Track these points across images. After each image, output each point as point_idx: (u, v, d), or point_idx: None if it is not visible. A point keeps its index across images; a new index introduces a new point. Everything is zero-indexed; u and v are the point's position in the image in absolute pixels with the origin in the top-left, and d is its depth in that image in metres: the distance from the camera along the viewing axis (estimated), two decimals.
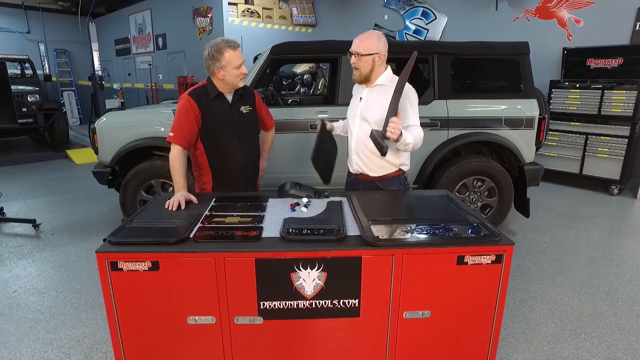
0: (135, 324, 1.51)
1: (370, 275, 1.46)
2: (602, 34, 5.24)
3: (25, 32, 10.82)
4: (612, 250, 3.46)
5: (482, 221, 1.63)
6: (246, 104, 2.25)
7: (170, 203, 1.84)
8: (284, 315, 1.49)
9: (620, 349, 2.23)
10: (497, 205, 3.66)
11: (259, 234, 1.52)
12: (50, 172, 6.33)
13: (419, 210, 1.87)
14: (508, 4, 6.10)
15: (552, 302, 2.69)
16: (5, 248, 3.52)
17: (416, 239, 1.48)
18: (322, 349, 1.57)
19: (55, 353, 2.20)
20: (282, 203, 1.90)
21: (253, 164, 2.34)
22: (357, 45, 1.97)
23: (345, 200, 1.94)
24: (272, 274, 1.45)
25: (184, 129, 2.10)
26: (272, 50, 3.41)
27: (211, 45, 2.07)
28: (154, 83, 9.60)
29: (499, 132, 3.52)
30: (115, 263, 1.43)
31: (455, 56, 3.48)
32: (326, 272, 1.45)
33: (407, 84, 2.06)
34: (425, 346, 1.60)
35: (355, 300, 1.49)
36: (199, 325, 1.50)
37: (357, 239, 1.49)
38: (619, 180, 4.86)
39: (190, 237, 1.52)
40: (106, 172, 3.56)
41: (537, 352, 2.21)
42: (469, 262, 1.48)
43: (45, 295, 2.77)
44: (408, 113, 1.98)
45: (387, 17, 7.66)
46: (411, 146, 1.89)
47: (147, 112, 3.82)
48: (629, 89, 4.65)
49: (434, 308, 1.54)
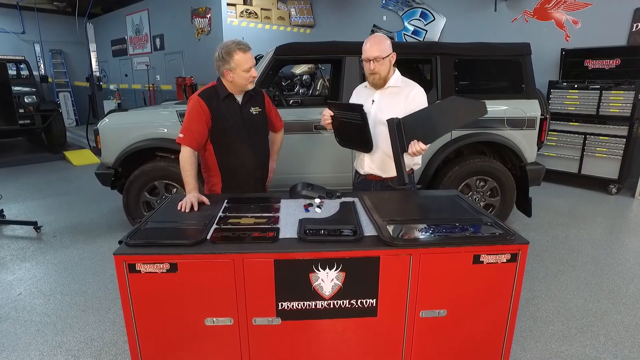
0: (153, 326, 1.51)
1: (388, 275, 1.47)
2: (599, 35, 5.30)
3: (20, 32, 10.73)
4: (613, 249, 3.50)
5: (495, 220, 1.65)
6: (256, 105, 2.26)
7: (183, 204, 1.84)
8: (302, 316, 1.50)
9: (626, 346, 2.26)
10: (499, 205, 3.69)
11: (276, 235, 1.53)
12: (49, 174, 6.28)
13: (432, 210, 1.88)
14: (506, 5, 6.15)
15: (558, 300, 2.72)
16: (7, 250, 3.49)
17: (433, 239, 1.50)
18: (339, 349, 1.57)
19: (65, 356, 2.19)
20: (294, 204, 1.90)
21: (262, 165, 2.34)
22: (374, 51, 1.97)
23: (358, 200, 1.95)
24: (290, 274, 1.45)
25: (194, 130, 2.10)
26: (276, 51, 3.42)
27: (222, 46, 2.07)
28: (151, 84, 9.56)
29: (502, 132, 3.55)
30: (133, 265, 1.43)
31: (458, 57, 3.51)
32: (344, 272, 1.46)
33: (417, 85, 2.09)
34: (440, 345, 1.61)
35: (373, 300, 1.50)
36: (216, 326, 1.51)
37: (374, 239, 1.50)
38: (617, 179, 4.92)
39: (207, 238, 1.52)
40: (109, 173, 3.54)
41: (545, 350, 2.24)
42: (484, 262, 1.50)
43: (51, 298, 2.75)
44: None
45: (385, 18, 7.69)
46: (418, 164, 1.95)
47: (150, 113, 3.80)
48: (627, 89, 4.71)
49: (449, 307, 1.55)
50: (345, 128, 2.10)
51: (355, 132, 2.05)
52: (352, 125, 2.02)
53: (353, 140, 2.15)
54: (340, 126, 2.12)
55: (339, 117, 2.09)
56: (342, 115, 2.07)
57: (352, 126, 2.03)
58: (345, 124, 2.07)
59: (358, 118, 1.96)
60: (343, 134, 2.17)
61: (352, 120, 2.01)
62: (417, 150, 1.85)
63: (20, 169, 6.63)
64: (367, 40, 2.02)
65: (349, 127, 2.06)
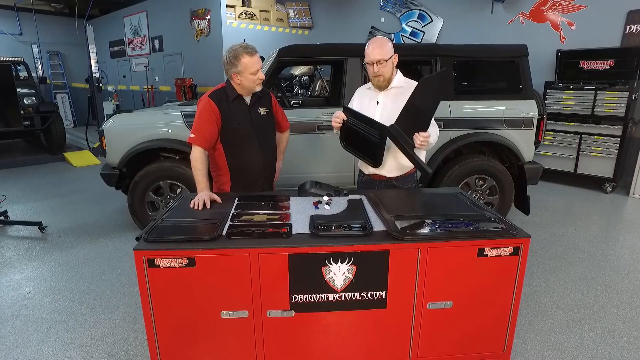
0: (170, 319, 1.57)
1: (397, 268, 1.54)
2: (594, 36, 5.41)
3: (18, 33, 10.72)
4: (609, 246, 3.59)
5: (498, 216, 1.72)
6: (263, 106, 2.32)
7: (196, 202, 1.90)
8: (315, 308, 1.56)
9: (622, 338, 2.34)
10: (498, 203, 3.77)
11: (290, 231, 1.59)
12: (49, 175, 6.30)
13: (437, 207, 1.95)
14: (503, 7, 6.25)
15: (556, 295, 2.80)
16: (14, 251, 3.52)
17: (439, 233, 1.57)
18: (350, 340, 1.64)
19: (77, 351, 2.24)
20: (304, 201, 1.96)
21: (270, 165, 2.40)
22: (377, 54, 2.02)
23: (364, 198, 2.01)
24: (304, 268, 1.52)
25: (204, 131, 2.16)
26: (279, 53, 3.48)
27: (230, 50, 2.13)
28: (150, 85, 9.59)
29: (500, 132, 3.63)
30: (153, 260, 1.48)
31: (457, 59, 3.59)
32: (356, 266, 1.52)
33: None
34: (446, 335, 1.68)
35: (383, 292, 1.56)
36: (232, 319, 1.57)
37: (383, 234, 1.57)
38: (612, 178, 5.02)
39: (223, 234, 1.58)
40: (115, 174, 3.58)
41: (544, 342, 2.31)
42: (488, 255, 1.57)
43: (60, 296, 2.79)
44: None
45: (383, 20, 7.77)
46: (431, 146, 2.02)
47: (155, 114, 3.85)
48: (621, 89, 4.81)
49: (455, 298, 1.62)
50: (355, 136, 2.09)
51: (365, 144, 2.05)
52: (365, 138, 2.01)
53: (361, 149, 2.13)
54: (350, 132, 2.11)
55: (352, 125, 2.07)
56: (357, 124, 2.05)
57: (365, 138, 2.02)
58: (357, 133, 2.06)
59: (375, 135, 1.95)
60: (350, 140, 2.15)
61: (367, 133, 2.00)
62: (422, 139, 1.88)
63: (21, 170, 6.64)
64: (369, 44, 2.07)
65: (360, 137, 2.05)
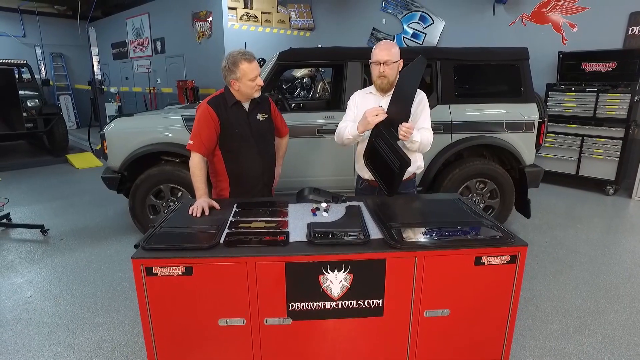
0: (168, 326, 1.57)
1: (393, 276, 1.54)
2: (596, 38, 5.39)
3: (21, 36, 10.78)
4: (610, 249, 3.57)
5: (495, 223, 1.72)
6: (262, 111, 2.32)
7: (194, 209, 1.91)
8: (312, 316, 1.57)
9: (622, 344, 2.33)
10: (499, 207, 3.76)
11: (287, 239, 1.60)
12: (52, 177, 6.34)
13: (435, 214, 1.95)
14: (504, 9, 6.23)
15: (556, 300, 2.79)
16: (15, 254, 3.55)
17: (436, 241, 1.57)
18: (347, 348, 1.64)
19: (78, 356, 2.25)
20: (302, 208, 1.97)
21: (269, 170, 2.41)
22: (384, 55, 2.06)
23: (362, 204, 2.02)
24: (301, 276, 1.52)
25: (203, 137, 2.16)
26: (279, 56, 3.48)
27: (228, 56, 2.13)
28: (152, 87, 9.62)
29: (501, 135, 3.63)
30: (151, 268, 1.49)
31: (458, 62, 3.59)
32: (352, 274, 1.52)
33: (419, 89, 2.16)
34: (443, 343, 1.68)
35: (379, 300, 1.57)
36: (229, 327, 1.57)
37: (380, 242, 1.57)
38: (614, 180, 5.00)
39: (221, 242, 1.59)
40: (116, 177, 3.60)
41: (544, 348, 2.30)
42: (485, 263, 1.57)
43: (61, 300, 2.81)
44: (422, 116, 2.13)
45: (384, 21, 7.77)
46: (417, 145, 2.03)
47: (156, 117, 3.86)
48: (623, 91, 4.80)
49: (452, 306, 1.62)
50: (379, 158, 2.02)
51: (384, 169, 1.99)
52: (386, 163, 1.94)
53: (380, 173, 2.08)
54: (374, 152, 2.07)
55: (378, 146, 2.01)
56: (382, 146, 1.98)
57: (386, 163, 1.95)
58: (381, 156, 1.99)
59: (396, 165, 1.87)
60: (373, 159, 2.11)
61: (389, 160, 1.92)
62: (405, 130, 1.88)
63: (23, 172, 6.68)
64: (378, 45, 2.11)
65: (382, 161, 1.98)
